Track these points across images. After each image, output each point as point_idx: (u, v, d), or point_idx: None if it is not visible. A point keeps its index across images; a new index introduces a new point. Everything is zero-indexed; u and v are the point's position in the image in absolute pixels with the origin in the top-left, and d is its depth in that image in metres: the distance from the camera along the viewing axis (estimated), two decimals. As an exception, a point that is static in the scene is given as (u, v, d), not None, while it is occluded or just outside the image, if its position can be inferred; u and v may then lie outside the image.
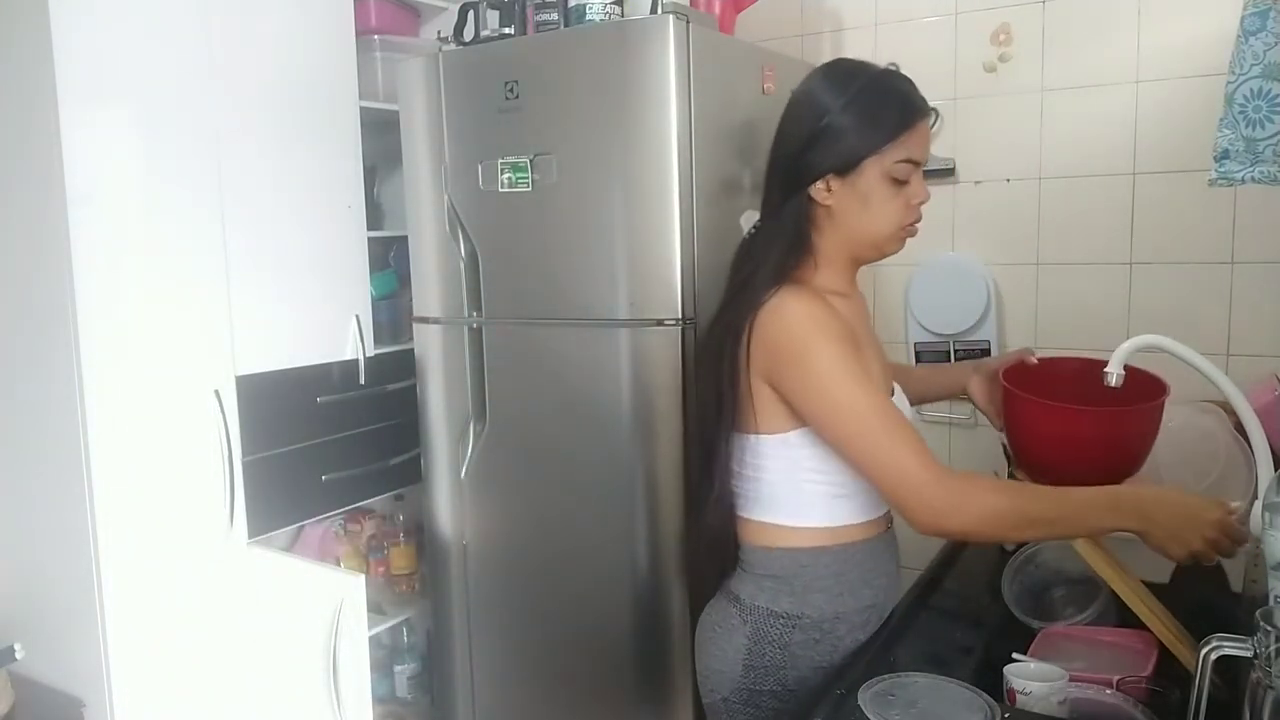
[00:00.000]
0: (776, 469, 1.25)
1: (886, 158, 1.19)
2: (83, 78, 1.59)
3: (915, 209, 1.24)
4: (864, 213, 1.22)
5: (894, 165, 1.20)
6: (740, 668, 1.26)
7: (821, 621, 1.25)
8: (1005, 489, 1.16)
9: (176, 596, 1.79)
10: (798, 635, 1.25)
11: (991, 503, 1.10)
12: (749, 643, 1.26)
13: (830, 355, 1.15)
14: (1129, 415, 1.27)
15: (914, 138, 1.21)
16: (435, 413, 2.00)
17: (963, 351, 2.09)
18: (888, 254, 1.28)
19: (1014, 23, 2.00)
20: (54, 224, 1.60)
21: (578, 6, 1.76)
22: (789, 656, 1.25)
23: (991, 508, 1.09)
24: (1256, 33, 1.15)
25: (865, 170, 1.20)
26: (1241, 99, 1.17)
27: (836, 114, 1.20)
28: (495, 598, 1.96)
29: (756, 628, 1.26)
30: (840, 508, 1.26)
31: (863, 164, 1.19)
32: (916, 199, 1.23)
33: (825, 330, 1.16)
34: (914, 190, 1.22)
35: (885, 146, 1.19)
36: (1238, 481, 1.46)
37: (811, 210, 1.24)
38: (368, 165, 2.14)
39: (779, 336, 1.18)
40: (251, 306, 1.87)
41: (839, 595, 1.25)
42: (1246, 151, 1.18)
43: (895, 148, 1.19)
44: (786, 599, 1.26)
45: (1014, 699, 1.04)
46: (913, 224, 1.25)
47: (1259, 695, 0.85)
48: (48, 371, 1.67)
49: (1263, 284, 1.82)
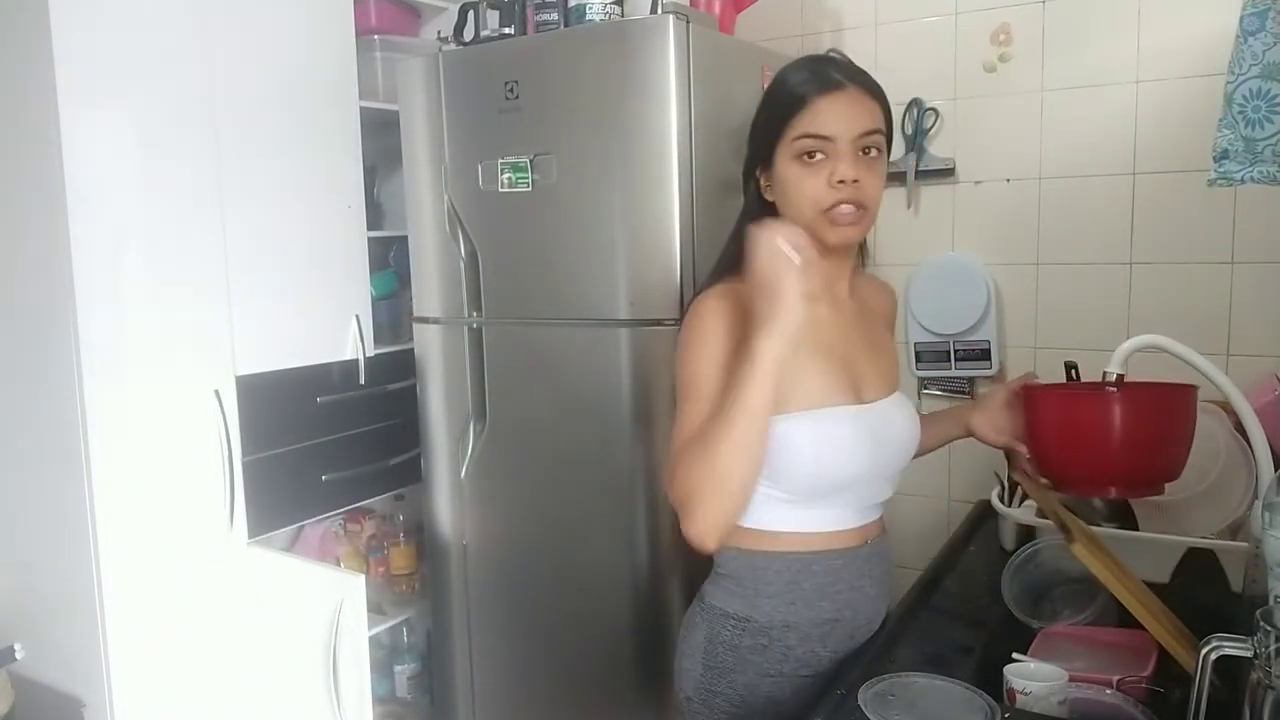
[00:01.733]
0: None
1: (787, 139, 1.20)
2: (83, 78, 1.60)
3: (840, 188, 1.17)
4: (785, 201, 1.22)
5: (794, 143, 1.19)
6: (701, 667, 1.25)
7: (769, 628, 1.22)
8: (687, 452, 1.12)
9: (176, 596, 1.79)
10: (747, 639, 1.23)
11: (686, 473, 1.10)
12: (705, 642, 1.25)
13: (691, 355, 1.17)
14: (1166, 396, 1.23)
15: (813, 113, 1.17)
16: (435, 413, 2.00)
17: (962, 351, 2.09)
18: (826, 241, 1.19)
19: (1014, 23, 2.00)
20: (54, 224, 1.60)
21: (578, 6, 1.76)
22: (739, 659, 1.23)
23: (689, 477, 1.10)
24: (1256, 33, 1.15)
25: (777, 158, 1.21)
26: (1241, 99, 1.17)
27: (757, 110, 1.25)
28: (495, 598, 1.96)
29: (711, 627, 1.25)
30: (793, 515, 1.21)
31: (775, 153, 1.21)
32: (836, 176, 1.17)
33: (704, 333, 1.17)
34: (835, 168, 1.17)
35: (783, 129, 1.19)
36: (1238, 481, 1.46)
37: (763, 210, 1.25)
38: (368, 165, 2.14)
39: (680, 332, 1.23)
40: (251, 306, 1.87)
41: (791, 604, 1.22)
42: (1246, 151, 1.18)
43: (792, 127, 1.19)
44: (738, 600, 1.24)
45: (1014, 699, 1.04)
46: (838, 205, 1.17)
47: (1259, 695, 0.85)
48: (48, 371, 1.67)
49: (1263, 284, 1.82)
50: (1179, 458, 1.23)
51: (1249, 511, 1.35)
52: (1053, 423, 1.28)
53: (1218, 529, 1.47)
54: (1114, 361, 1.24)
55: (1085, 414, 1.25)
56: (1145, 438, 1.21)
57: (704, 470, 1.09)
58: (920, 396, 2.16)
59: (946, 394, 2.13)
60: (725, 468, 1.08)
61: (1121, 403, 1.21)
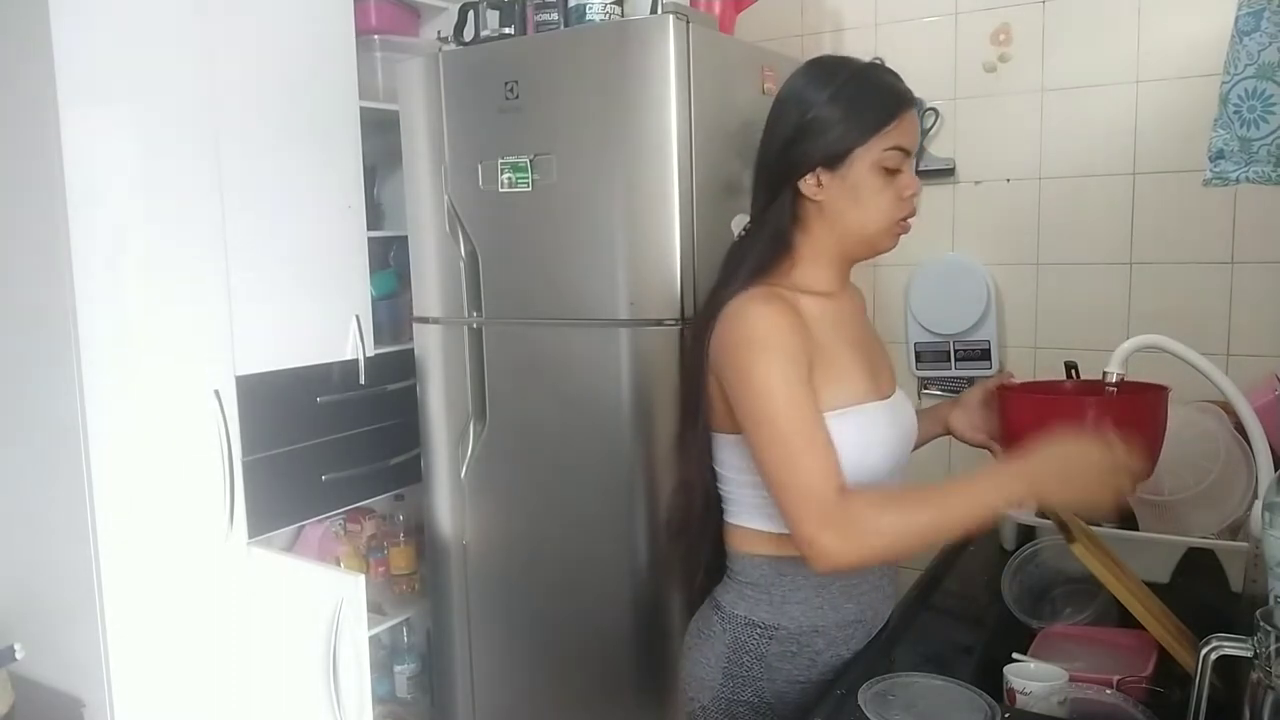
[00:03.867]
0: (751, 469, 1.21)
1: (875, 147, 1.17)
2: (83, 78, 1.60)
3: (908, 202, 1.21)
4: (855, 206, 1.20)
5: (884, 154, 1.18)
6: (720, 676, 1.24)
7: (799, 634, 1.22)
8: (891, 507, 1.09)
9: (176, 596, 1.79)
10: (775, 646, 1.22)
11: (877, 528, 1.06)
12: (728, 651, 1.24)
13: (763, 362, 1.12)
14: (1135, 402, 1.24)
15: (902, 126, 1.19)
16: (435, 413, 2.00)
17: (962, 351, 2.09)
18: (881, 250, 1.25)
19: (1014, 23, 2.00)
20: (54, 224, 1.60)
21: (578, 6, 1.76)
22: (766, 668, 1.22)
23: (879, 534, 1.06)
24: (1251, 33, 1.15)
25: (854, 162, 1.18)
26: (1236, 99, 1.17)
27: (822, 106, 1.18)
28: (495, 598, 1.96)
29: (735, 636, 1.24)
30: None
31: (851, 155, 1.18)
32: (908, 190, 1.20)
33: (768, 337, 1.13)
34: (905, 181, 1.20)
35: (873, 136, 1.17)
36: (1238, 481, 1.46)
37: (800, 208, 1.22)
38: (368, 165, 2.14)
39: (727, 336, 1.17)
40: (251, 306, 1.87)
41: (818, 608, 1.22)
42: (1241, 151, 1.18)
43: (883, 137, 1.18)
44: (765, 608, 1.23)
45: (1014, 699, 1.04)
46: (905, 219, 1.22)
47: (1259, 695, 0.85)
48: (48, 371, 1.67)
49: (1263, 284, 1.82)
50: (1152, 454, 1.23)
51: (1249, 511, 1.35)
52: (1021, 425, 1.27)
53: (1218, 529, 1.47)
54: (1114, 361, 1.24)
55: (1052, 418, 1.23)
56: None
57: (902, 541, 1.08)
58: (920, 396, 2.16)
59: (946, 394, 2.13)
60: (920, 546, 1.10)
61: (1090, 408, 1.20)
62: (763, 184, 1.26)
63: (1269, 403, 1.56)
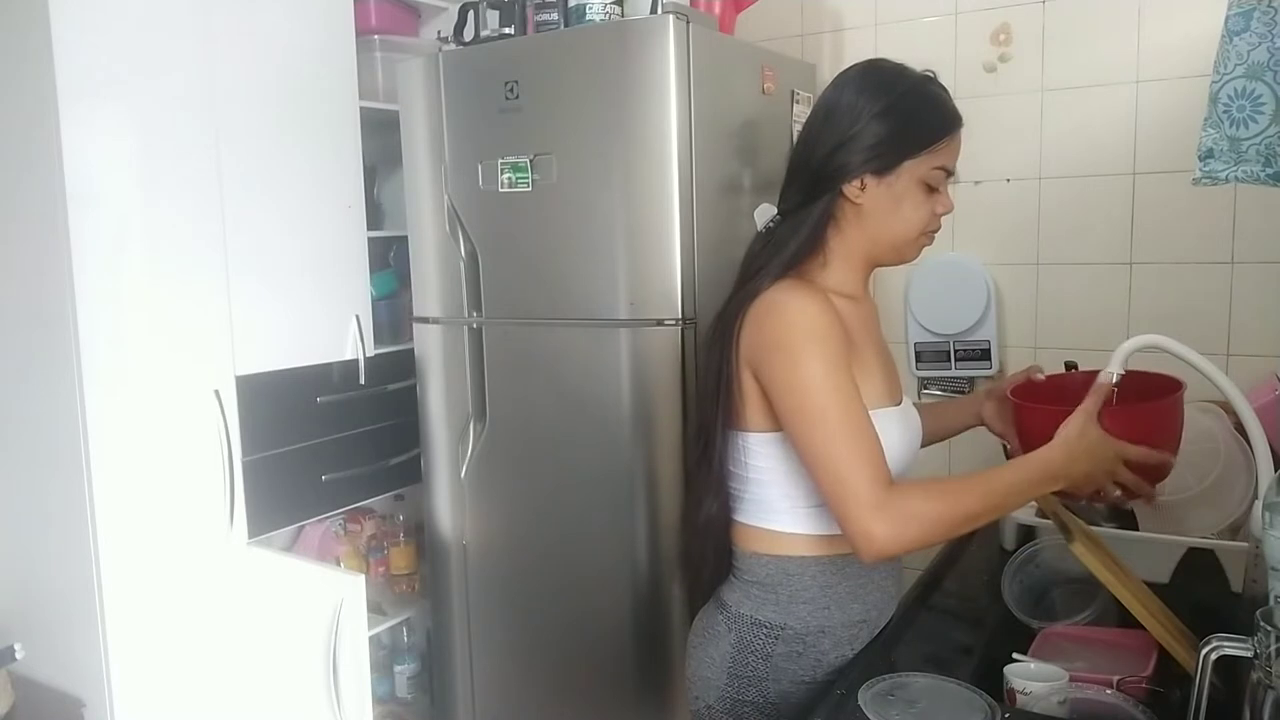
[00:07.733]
0: (767, 469, 1.22)
1: (924, 163, 1.19)
2: (83, 77, 1.60)
3: (938, 219, 1.25)
4: (893, 214, 1.21)
5: (930, 171, 1.20)
6: (725, 676, 1.24)
7: (805, 634, 1.22)
8: (935, 494, 1.10)
9: (176, 596, 1.79)
10: (780, 647, 1.22)
11: (925, 514, 1.07)
12: (733, 651, 1.24)
13: (812, 354, 1.12)
14: (1145, 412, 1.21)
15: (951, 146, 1.22)
16: (435, 413, 2.00)
17: (962, 351, 2.09)
18: (905, 259, 1.28)
19: (1014, 23, 2.00)
20: (54, 224, 1.60)
21: (578, 6, 1.76)
22: (771, 668, 1.22)
23: (927, 520, 1.07)
24: (1240, 33, 1.15)
25: (903, 173, 1.19)
26: (1226, 98, 1.17)
27: (879, 115, 1.19)
28: (495, 598, 1.96)
29: (740, 636, 1.24)
30: (828, 518, 1.19)
31: (901, 166, 1.19)
32: (942, 209, 1.24)
33: (815, 328, 1.13)
34: (941, 199, 1.24)
35: (925, 152, 1.19)
36: (1238, 481, 1.46)
37: (837, 208, 1.23)
38: (368, 165, 2.14)
39: (767, 327, 1.16)
40: (251, 306, 1.87)
41: (825, 608, 1.22)
42: (1230, 151, 1.18)
43: (933, 154, 1.20)
44: (771, 608, 1.23)
45: (1014, 699, 1.04)
46: (933, 232, 1.26)
47: (1259, 695, 0.85)
48: (48, 371, 1.67)
49: (1263, 284, 1.82)
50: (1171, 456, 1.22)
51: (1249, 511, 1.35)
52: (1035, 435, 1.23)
53: (1218, 529, 1.47)
54: (1114, 361, 1.24)
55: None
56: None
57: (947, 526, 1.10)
58: (920, 396, 2.16)
59: (946, 394, 2.13)
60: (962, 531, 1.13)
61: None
62: (801, 182, 1.25)
63: (1269, 403, 1.56)
